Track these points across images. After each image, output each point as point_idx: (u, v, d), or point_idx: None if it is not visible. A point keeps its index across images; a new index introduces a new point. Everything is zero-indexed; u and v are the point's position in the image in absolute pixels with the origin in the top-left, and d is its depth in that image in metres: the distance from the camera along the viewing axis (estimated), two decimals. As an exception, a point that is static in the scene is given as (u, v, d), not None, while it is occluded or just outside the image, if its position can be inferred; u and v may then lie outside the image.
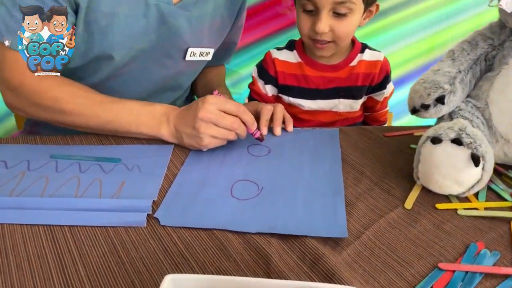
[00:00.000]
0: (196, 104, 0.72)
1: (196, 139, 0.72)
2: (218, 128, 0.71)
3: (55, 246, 0.54)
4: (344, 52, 1.00)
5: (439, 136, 0.61)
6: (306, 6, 0.88)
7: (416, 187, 0.67)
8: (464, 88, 0.70)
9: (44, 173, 0.69)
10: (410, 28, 1.57)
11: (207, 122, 0.70)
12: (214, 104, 0.71)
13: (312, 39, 0.92)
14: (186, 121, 0.73)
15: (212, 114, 0.70)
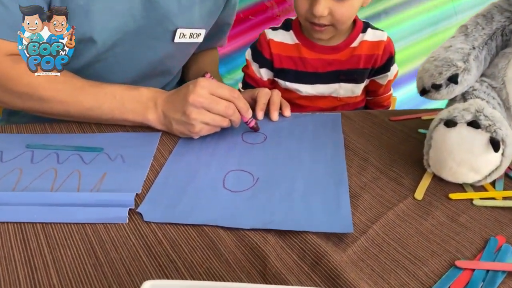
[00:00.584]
0: (186, 88, 0.66)
1: (186, 126, 0.66)
2: (211, 114, 0.65)
3: (24, 246, 0.48)
4: (345, 32, 0.93)
5: (454, 118, 0.55)
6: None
7: (426, 175, 0.61)
8: (479, 66, 0.64)
9: (18, 164, 0.63)
10: (416, 24, 1.53)
11: (198, 107, 0.65)
12: (206, 87, 0.65)
13: (310, 21, 0.86)
14: (176, 106, 0.67)
15: (204, 99, 0.64)
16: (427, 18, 1.56)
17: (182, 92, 0.67)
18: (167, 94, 0.70)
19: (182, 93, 0.66)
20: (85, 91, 0.70)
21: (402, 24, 1.56)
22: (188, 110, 0.65)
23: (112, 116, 0.70)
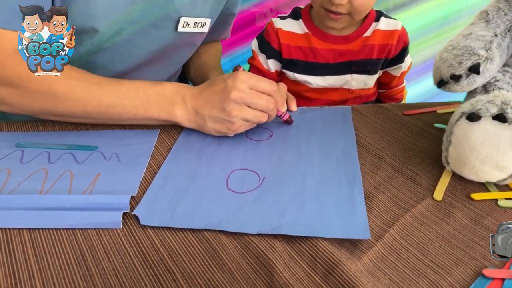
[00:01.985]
0: (223, 82, 0.62)
1: (225, 123, 0.62)
2: (252, 110, 0.61)
3: (9, 255, 0.44)
4: (358, 22, 0.88)
5: (478, 112, 0.50)
6: None
7: (445, 173, 0.57)
8: (502, 55, 0.59)
9: (6, 164, 0.58)
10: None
11: (240, 103, 0.60)
12: (247, 82, 0.61)
13: (326, 8, 0.81)
14: (212, 102, 0.62)
15: (246, 94, 0.60)
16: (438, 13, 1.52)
17: (218, 87, 0.62)
18: (196, 89, 0.65)
19: (219, 89, 0.62)
20: (104, 86, 0.64)
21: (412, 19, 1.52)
22: (229, 107, 0.60)
23: (134, 113, 0.65)
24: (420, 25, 1.53)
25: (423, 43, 1.55)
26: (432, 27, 1.53)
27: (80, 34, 0.70)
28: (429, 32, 1.54)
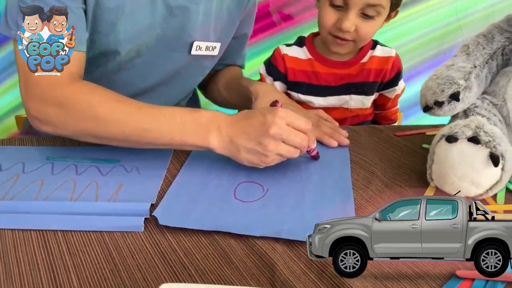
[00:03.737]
0: (262, 117, 0.63)
1: (258, 156, 0.64)
2: (287, 146, 0.63)
3: (47, 252, 0.51)
4: (358, 48, 0.97)
5: (455, 134, 0.57)
6: (335, 1, 0.85)
7: (430, 188, 0.63)
8: (480, 84, 0.67)
9: (39, 175, 0.66)
10: (419, 22, 1.55)
11: (277, 139, 0.62)
12: (285, 118, 0.63)
13: (334, 34, 0.89)
14: (249, 134, 0.63)
15: (284, 131, 0.62)
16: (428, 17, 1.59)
17: (257, 120, 0.63)
18: (232, 118, 0.66)
19: (258, 122, 0.63)
20: (143, 111, 0.66)
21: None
22: (266, 141, 0.62)
23: (170, 138, 0.65)
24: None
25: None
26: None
27: (104, 55, 0.78)
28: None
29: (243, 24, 0.97)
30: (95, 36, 0.75)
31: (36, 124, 0.69)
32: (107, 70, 0.80)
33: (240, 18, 0.94)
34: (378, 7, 0.83)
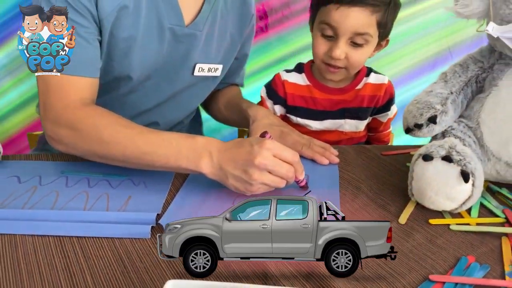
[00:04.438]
0: (249, 146, 0.67)
1: (244, 184, 0.67)
2: (272, 176, 0.67)
3: (64, 256, 0.57)
4: (351, 77, 1.04)
5: (430, 153, 0.64)
6: (325, 31, 0.92)
7: (410, 203, 0.70)
8: (456, 109, 0.74)
9: (54, 188, 0.72)
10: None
11: (262, 169, 0.66)
12: (272, 150, 0.66)
13: (326, 63, 0.96)
14: (236, 162, 0.67)
15: (269, 161, 0.65)
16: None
17: (245, 149, 0.67)
18: (223, 146, 0.70)
19: (245, 151, 0.67)
20: (143, 135, 0.71)
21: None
22: (250, 170, 0.65)
23: (166, 162, 0.70)
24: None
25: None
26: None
27: (118, 80, 0.86)
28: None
29: (244, 45, 1.04)
30: (110, 63, 0.82)
31: (51, 142, 0.77)
32: (120, 93, 0.88)
33: (241, 42, 1.01)
34: (366, 36, 0.90)
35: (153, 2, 0.81)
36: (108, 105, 0.87)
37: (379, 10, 0.89)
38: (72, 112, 0.74)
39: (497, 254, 0.59)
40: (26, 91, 1.55)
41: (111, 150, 0.72)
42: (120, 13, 0.78)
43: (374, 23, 0.90)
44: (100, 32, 0.79)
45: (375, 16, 0.89)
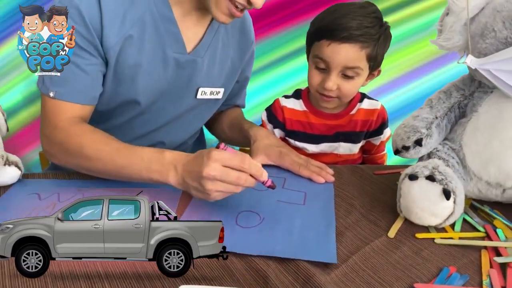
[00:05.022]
0: (201, 159, 0.71)
1: (202, 194, 0.72)
2: (224, 184, 0.70)
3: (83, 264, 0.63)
4: (346, 103, 1.10)
5: (416, 173, 0.70)
6: (319, 64, 0.99)
7: (399, 218, 0.76)
8: (441, 132, 0.80)
9: (72, 203, 0.79)
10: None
11: (212, 179, 0.69)
12: (219, 160, 0.70)
13: (320, 92, 1.03)
14: (192, 175, 0.72)
15: (216, 172, 0.69)
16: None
17: (198, 162, 0.71)
18: (187, 160, 0.75)
19: (198, 164, 0.71)
20: (120, 152, 0.79)
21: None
22: (202, 181, 0.70)
23: (140, 175, 0.77)
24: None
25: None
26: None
27: (126, 105, 0.93)
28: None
29: (244, 69, 1.11)
30: (117, 89, 0.90)
31: (47, 156, 0.88)
32: (128, 116, 0.95)
33: (241, 66, 1.08)
34: (356, 69, 0.97)
35: (157, 32, 0.88)
36: (117, 128, 0.95)
37: (369, 45, 0.95)
38: (61, 132, 0.83)
39: (477, 265, 0.65)
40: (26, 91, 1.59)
41: (94, 165, 0.81)
42: (125, 43, 0.85)
43: (364, 58, 0.96)
44: (106, 62, 0.86)
45: (365, 51, 0.95)
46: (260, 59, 1.65)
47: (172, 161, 0.76)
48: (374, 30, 0.95)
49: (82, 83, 0.84)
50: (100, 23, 0.81)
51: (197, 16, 0.91)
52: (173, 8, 0.88)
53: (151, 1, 0.85)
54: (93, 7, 0.80)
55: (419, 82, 1.74)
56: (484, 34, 0.73)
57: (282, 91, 1.66)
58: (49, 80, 0.83)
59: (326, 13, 1.00)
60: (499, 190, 0.76)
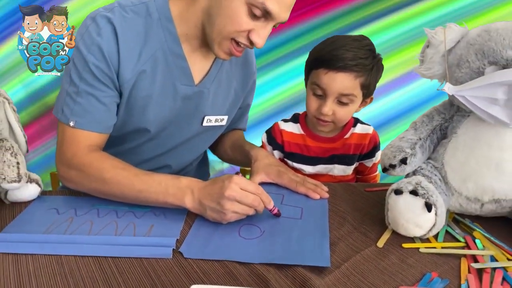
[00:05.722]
0: (222, 182, 0.81)
1: (219, 213, 0.81)
2: (241, 205, 0.80)
3: (102, 272, 0.70)
4: (340, 128, 1.19)
5: (400, 188, 0.78)
6: (316, 91, 1.08)
7: (387, 230, 0.83)
8: (424, 152, 0.89)
9: (88, 218, 0.86)
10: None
11: (231, 200, 0.79)
12: (239, 184, 0.80)
13: (317, 117, 1.12)
14: (212, 196, 0.81)
15: (237, 193, 0.79)
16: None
17: (218, 185, 0.81)
18: (203, 184, 0.84)
19: (218, 187, 0.81)
20: (138, 177, 0.86)
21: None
22: (222, 201, 0.79)
23: (156, 199, 0.85)
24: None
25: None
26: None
27: (137, 132, 1.01)
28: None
29: (246, 97, 1.20)
30: (130, 118, 0.98)
31: (63, 181, 0.94)
32: (139, 142, 1.03)
33: (244, 95, 1.17)
34: (351, 96, 1.06)
35: (167, 67, 0.97)
36: (126, 152, 1.04)
37: (362, 75, 1.04)
38: (81, 158, 0.90)
39: (456, 271, 0.73)
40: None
41: (112, 189, 0.87)
42: (139, 77, 0.94)
43: (358, 86, 1.05)
44: (120, 94, 0.95)
45: (359, 80, 1.04)
46: (260, 59, 1.71)
47: (188, 186, 0.84)
48: (367, 61, 1.05)
49: (100, 113, 0.92)
50: (118, 59, 0.90)
51: (204, 52, 1.00)
52: (182, 45, 0.97)
53: (163, 40, 0.94)
54: (112, 46, 0.89)
55: (419, 81, 1.79)
56: (459, 64, 0.82)
57: (282, 91, 1.74)
58: (69, 110, 0.91)
59: (324, 45, 1.09)
60: (478, 205, 0.84)
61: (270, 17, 0.86)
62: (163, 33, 0.94)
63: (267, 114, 1.81)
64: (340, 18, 1.72)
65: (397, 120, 1.81)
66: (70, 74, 0.90)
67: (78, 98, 0.89)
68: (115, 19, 0.89)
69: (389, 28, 1.74)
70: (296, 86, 1.76)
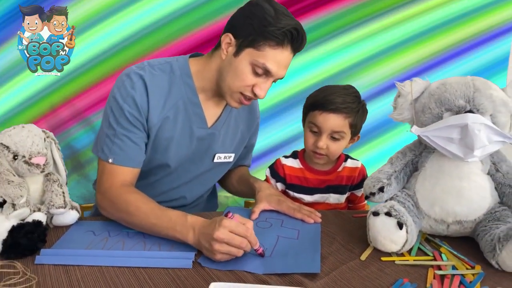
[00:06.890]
0: (214, 224, 0.90)
1: (211, 254, 0.90)
2: (229, 247, 0.88)
3: (137, 279, 0.87)
4: (334, 162, 1.38)
5: (377, 211, 0.96)
6: (313, 128, 1.29)
7: (369, 247, 1.00)
8: (399, 182, 1.07)
9: (120, 238, 1.03)
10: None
11: (220, 242, 0.88)
12: (228, 227, 0.88)
13: (313, 151, 1.31)
14: (206, 236, 0.90)
15: (225, 236, 0.87)
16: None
17: (211, 227, 0.90)
18: (203, 224, 0.94)
19: (211, 228, 0.89)
20: (153, 211, 1.01)
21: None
22: (212, 242, 0.88)
23: (166, 233, 0.98)
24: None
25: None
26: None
27: (159, 167, 1.20)
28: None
29: (251, 137, 1.40)
30: (154, 155, 1.17)
31: (99, 208, 1.12)
32: (160, 176, 1.22)
33: (249, 136, 1.37)
34: (341, 133, 1.26)
35: (186, 113, 1.17)
36: (149, 185, 1.22)
37: (351, 116, 1.26)
38: (115, 190, 1.08)
39: (424, 277, 0.89)
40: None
41: (133, 220, 1.02)
42: (163, 122, 1.14)
43: (347, 125, 1.26)
44: (148, 136, 1.15)
45: (348, 120, 1.26)
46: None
47: (192, 224, 0.95)
48: (354, 105, 1.27)
49: (134, 152, 1.11)
50: (147, 108, 1.11)
51: (216, 100, 1.21)
52: (199, 95, 1.18)
53: (183, 91, 1.16)
54: (143, 97, 1.10)
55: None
56: (424, 110, 1.02)
57: (283, 91, 1.86)
58: (108, 149, 1.10)
59: (318, 92, 1.32)
60: (444, 226, 1.01)
61: (270, 74, 1.08)
62: (183, 86, 1.15)
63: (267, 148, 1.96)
64: (340, 17, 1.80)
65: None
66: (108, 120, 1.10)
67: (115, 140, 1.09)
68: (146, 75, 1.10)
69: (389, 28, 1.82)
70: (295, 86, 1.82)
